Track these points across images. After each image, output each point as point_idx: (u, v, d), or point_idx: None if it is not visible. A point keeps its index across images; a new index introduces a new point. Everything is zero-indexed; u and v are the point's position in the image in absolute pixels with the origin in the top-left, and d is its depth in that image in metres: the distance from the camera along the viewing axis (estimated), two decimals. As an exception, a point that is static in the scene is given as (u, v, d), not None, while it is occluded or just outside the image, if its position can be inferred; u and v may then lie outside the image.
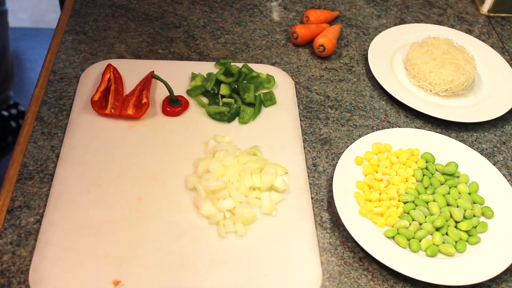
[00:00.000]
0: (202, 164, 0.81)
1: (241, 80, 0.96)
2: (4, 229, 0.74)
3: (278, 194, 0.80)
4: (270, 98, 0.94)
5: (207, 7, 1.14)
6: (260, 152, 0.85)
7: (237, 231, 0.75)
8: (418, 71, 1.01)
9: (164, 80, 0.89)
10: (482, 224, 0.80)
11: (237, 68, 0.97)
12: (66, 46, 1.01)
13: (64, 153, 0.83)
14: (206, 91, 0.94)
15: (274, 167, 0.81)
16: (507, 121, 1.00)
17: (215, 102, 0.93)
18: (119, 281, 0.69)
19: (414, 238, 0.77)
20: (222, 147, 0.83)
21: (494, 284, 0.76)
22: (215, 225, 0.76)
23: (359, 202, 0.80)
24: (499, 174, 0.86)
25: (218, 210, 0.77)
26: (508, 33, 1.19)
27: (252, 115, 0.91)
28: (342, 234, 0.79)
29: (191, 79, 0.96)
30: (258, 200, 0.79)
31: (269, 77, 0.97)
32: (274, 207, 0.79)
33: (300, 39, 1.06)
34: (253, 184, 0.79)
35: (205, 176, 0.79)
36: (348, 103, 0.98)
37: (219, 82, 0.95)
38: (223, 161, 0.80)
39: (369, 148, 0.88)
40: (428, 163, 0.87)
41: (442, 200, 0.82)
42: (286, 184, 0.81)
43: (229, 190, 0.78)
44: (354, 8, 1.19)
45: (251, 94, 0.93)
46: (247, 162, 0.81)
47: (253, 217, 0.77)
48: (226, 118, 0.90)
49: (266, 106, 0.94)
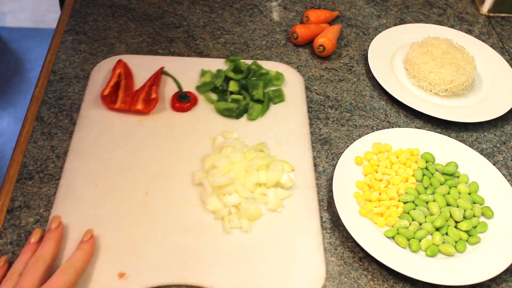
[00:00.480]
0: (209, 160, 0.82)
1: (250, 77, 0.96)
2: (4, 229, 0.74)
3: (284, 191, 0.80)
4: (279, 95, 0.95)
5: (207, 7, 1.14)
6: (267, 148, 0.85)
7: (242, 226, 0.76)
8: (418, 71, 1.01)
9: (173, 76, 0.89)
10: (482, 224, 0.80)
11: (246, 65, 0.98)
12: (66, 46, 1.01)
13: (73, 146, 0.83)
14: (215, 87, 0.95)
15: (281, 164, 0.81)
16: (507, 121, 1.00)
17: (224, 99, 0.93)
18: (124, 273, 0.70)
19: (414, 238, 0.77)
20: (230, 143, 0.83)
21: (494, 284, 0.76)
22: (220, 220, 0.77)
23: (359, 202, 0.80)
24: (499, 174, 0.86)
25: (223, 206, 0.77)
26: (508, 33, 1.19)
27: (260, 112, 0.92)
28: (342, 234, 0.79)
29: (201, 75, 0.97)
30: (264, 196, 0.79)
31: (278, 74, 0.98)
32: (279, 204, 0.79)
33: (300, 39, 1.06)
34: (259, 180, 0.80)
35: (211, 172, 0.80)
36: (348, 103, 0.98)
37: (228, 79, 0.96)
38: (230, 157, 0.81)
39: (369, 148, 0.88)
40: (428, 163, 0.87)
41: (442, 200, 0.82)
42: (293, 181, 0.81)
43: (235, 185, 0.78)
44: (354, 8, 1.19)
45: (259, 91, 0.93)
46: (254, 159, 0.81)
47: (258, 213, 0.77)
48: (235, 115, 0.91)
49: (275, 103, 0.94)
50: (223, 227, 0.76)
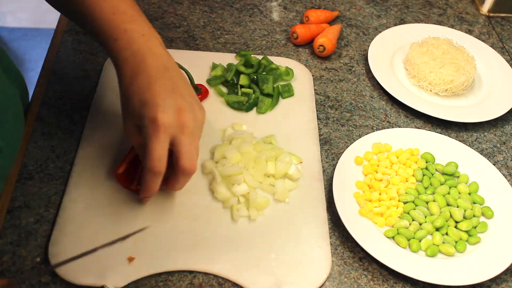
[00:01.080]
0: (219, 150, 0.83)
1: (260, 71, 0.98)
2: (4, 229, 0.74)
3: (292, 182, 0.82)
4: (288, 90, 0.96)
5: (207, 7, 1.14)
6: (276, 141, 0.87)
7: (250, 215, 0.77)
8: (418, 71, 1.01)
9: (185, 68, 0.90)
10: (482, 224, 0.80)
11: (257, 60, 0.99)
12: (66, 46, 1.01)
13: (86, 134, 0.85)
14: (225, 80, 0.96)
15: (289, 156, 0.83)
16: (507, 121, 1.00)
17: (234, 92, 0.95)
18: (133, 258, 0.71)
19: (414, 238, 0.77)
20: (239, 134, 0.85)
21: (494, 284, 0.76)
22: (228, 209, 0.78)
23: (359, 202, 0.80)
24: (499, 174, 0.86)
25: (232, 195, 0.79)
26: (508, 33, 1.19)
27: (269, 105, 0.93)
28: (342, 234, 0.79)
29: (212, 69, 0.99)
30: (271, 187, 0.81)
31: (288, 69, 0.99)
32: (287, 194, 0.80)
33: (300, 39, 1.06)
34: (268, 171, 0.82)
35: (221, 162, 0.82)
36: (348, 103, 0.98)
37: (239, 73, 0.97)
38: (239, 148, 0.82)
39: (369, 148, 0.88)
40: (428, 163, 0.87)
41: (442, 200, 0.82)
42: (300, 172, 0.83)
43: (244, 176, 0.80)
44: (354, 8, 1.19)
45: (269, 85, 0.95)
46: (263, 150, 0.83)
47: (266, 203, 0.79)
48: (244, 108, 0.92)
49: (284, 98, 0.96)
50: (232, 216, 0.78)
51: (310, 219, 0.78)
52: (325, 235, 0.77)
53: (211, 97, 0.94)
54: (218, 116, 0.91)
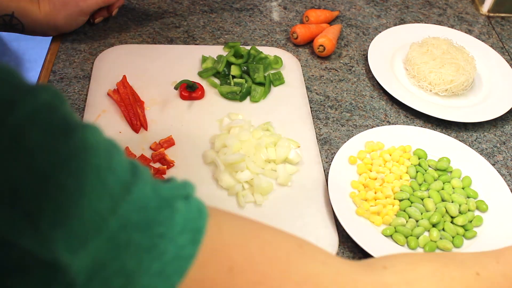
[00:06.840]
0: (219, 140, 0.85)
1: (250, 61, 1.00)
2: (3, 228, 0.74)
3: (292, 166, 0.84)
4: (279, 78, 0.98)
5: (207, 7, 1.14)
6: (272, 128, 0.89)
7: (256, 200, 0.79)
8: (418, 71, 1.01)
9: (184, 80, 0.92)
10: (477, 218, 0.81)
11: (245, 50, 1.01)
12: (66, 46, 1.01)
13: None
14: (217, 72, 0.97)
15: (287, 141, 0.85)
16: (507, 121, 1.00)
17: (226, 83, 0.96)
18: None
19: (411, 235, 0.78)
20: (237, 123, 0.87)
21: (493, 284, 0.76)
22: (234, 196, 0.80)
23: (355, 202, 0.80)
24: (489, 165, 0.87)
25: (236, 182, 0.80)
26: (508, 33, 1.19)
27: (262, 94, 0.95)
28: (341, 234, 0.79)
29: (202, 62, 1.00)
30: (273, 172, 0.83)
31: (276, 58, 1.01)
32: (289, 178, 0.82)
33: (300, 39, 1.06)
34: (269, 157, 0.83)
35: (222, 151, 0.83)
36: (348, 103, 0.98)
37: (229, 64, 0.99)
38: (239, 136, 0.84)
39: (362, 147, 0.88)
40: (421, 159, 0.87)
41: (437, 196, 0.82)
42: (300, 156, 0.85)
43: (247, 162, 0.81)
44: (354, 8, 1.19)
45: (260, 74, 0.97)
46: (261, 137, 0.85)
47: (270, 187, 0.81)
48: (238, 97, 0.94)
49: (275, 86, 0.98)
50: (238, 202, 0.79)
51: (314, 200, 0.81)
52: (329, 214, 0.79)
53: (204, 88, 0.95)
54: (213, 107, 0.93)
